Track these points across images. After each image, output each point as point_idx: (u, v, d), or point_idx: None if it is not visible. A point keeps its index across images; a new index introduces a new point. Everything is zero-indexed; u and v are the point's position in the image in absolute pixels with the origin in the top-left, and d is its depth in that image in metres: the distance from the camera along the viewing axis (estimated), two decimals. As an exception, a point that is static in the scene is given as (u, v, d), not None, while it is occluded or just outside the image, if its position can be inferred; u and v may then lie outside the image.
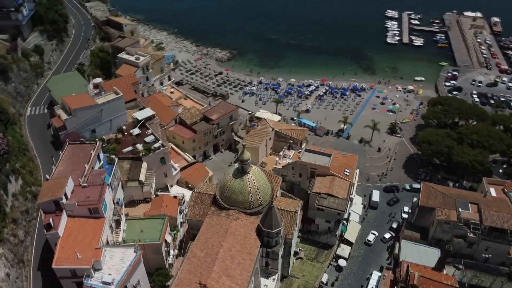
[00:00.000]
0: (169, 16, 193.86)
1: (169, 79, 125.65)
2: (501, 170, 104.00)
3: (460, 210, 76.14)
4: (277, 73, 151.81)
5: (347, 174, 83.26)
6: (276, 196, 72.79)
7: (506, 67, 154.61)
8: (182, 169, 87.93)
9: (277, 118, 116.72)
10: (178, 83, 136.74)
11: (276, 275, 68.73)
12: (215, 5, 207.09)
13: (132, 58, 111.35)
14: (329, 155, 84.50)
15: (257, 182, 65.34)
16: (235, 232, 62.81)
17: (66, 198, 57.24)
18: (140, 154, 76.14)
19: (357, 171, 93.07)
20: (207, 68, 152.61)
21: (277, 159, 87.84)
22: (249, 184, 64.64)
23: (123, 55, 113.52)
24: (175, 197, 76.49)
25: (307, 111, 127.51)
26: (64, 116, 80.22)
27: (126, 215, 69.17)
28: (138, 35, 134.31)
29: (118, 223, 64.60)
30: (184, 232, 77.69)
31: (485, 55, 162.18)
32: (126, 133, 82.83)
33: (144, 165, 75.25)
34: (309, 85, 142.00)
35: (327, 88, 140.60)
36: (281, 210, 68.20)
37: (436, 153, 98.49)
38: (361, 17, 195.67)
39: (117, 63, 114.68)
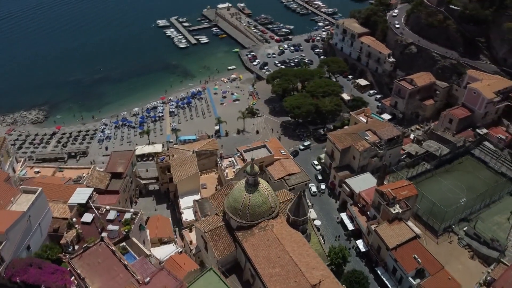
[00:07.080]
0: None
1: (17, 161, 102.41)
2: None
3: (366, 138, 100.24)
4: (111, 110, 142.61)
5: (284, 153, 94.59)
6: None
7: (277, 37, 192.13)
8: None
9: (159, 147, 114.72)
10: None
11: (309, 255, 75.63)
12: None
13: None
14: (264, 146, 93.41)
15: (268, 187, 69.38)
16: (282, 235, 66.15)
17: (148, 302, 48.26)
18: (124, 233, 66.18)
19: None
20: (32, 135, 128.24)
21: (226, 171, 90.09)
22: (265, 191, 67.93)
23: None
24: (180, 252, 70.89)
25: (174, 129, 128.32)
26: (-10, 247, 59.93)
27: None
28: None
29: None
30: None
31: (258, 33, 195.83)
32: (77, 226, 68.75)
33: (135, 240, 66.34)
34: (155, 107, 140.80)
35: (172, 103, 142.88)
36: (286, 201, 74.28)
37: (307, 112, 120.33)
38: (140, 34, 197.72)
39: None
